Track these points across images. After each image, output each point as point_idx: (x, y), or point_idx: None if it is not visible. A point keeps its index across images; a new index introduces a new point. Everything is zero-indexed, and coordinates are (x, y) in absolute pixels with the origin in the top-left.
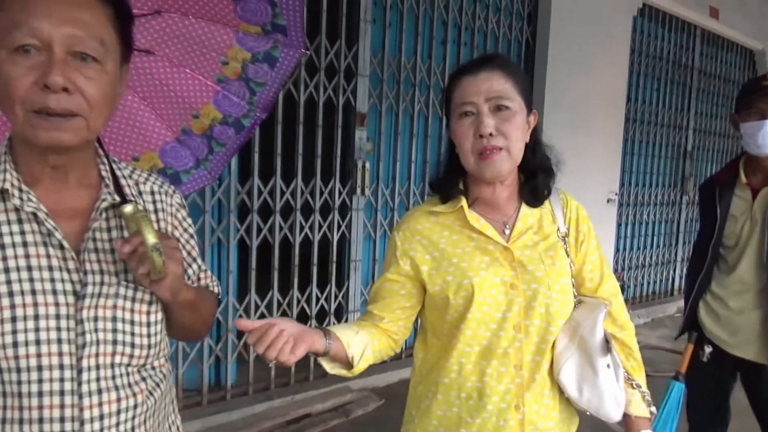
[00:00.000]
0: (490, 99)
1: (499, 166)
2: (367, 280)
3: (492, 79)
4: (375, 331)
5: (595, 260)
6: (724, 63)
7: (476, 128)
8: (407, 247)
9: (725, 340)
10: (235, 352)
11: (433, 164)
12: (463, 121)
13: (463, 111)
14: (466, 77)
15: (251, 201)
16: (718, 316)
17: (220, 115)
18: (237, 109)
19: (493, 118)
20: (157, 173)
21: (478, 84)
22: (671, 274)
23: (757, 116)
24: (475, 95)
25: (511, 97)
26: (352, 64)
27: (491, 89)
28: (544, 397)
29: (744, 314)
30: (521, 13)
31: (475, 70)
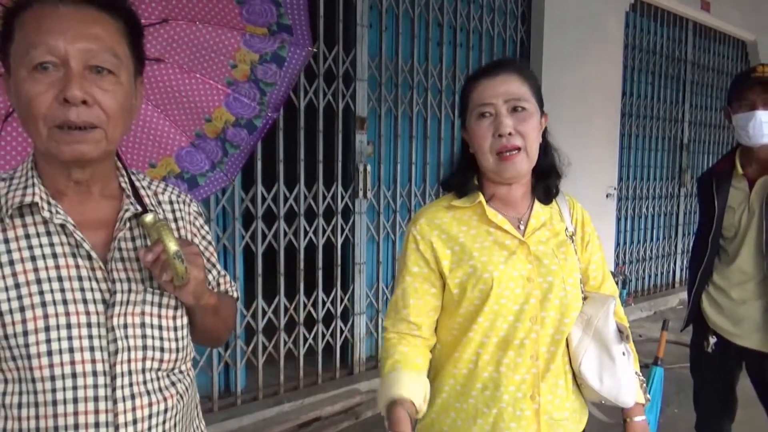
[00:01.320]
0: (508, 101)
1: (519, 167)
2: (371, 283)
3: (509, 81)
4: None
5: (599, 260)
6: (717, 55)
7: (495, 128)
8: (428, 241)
9: (729, 331)
10: (244, 358)
11: (434, 165)
12: (481, 121)
13: (482, 112)
14: (484, 80)
15: (255, 208)
16: (721, 306)
17: (233, 117)
18: (248, 111)
19: (511, 118)
20: (175, 178)
21: (497, 86)
22: (672, 267)
23: (748, 108)
24: (493, 97)
25: (528, 99)
26: (351, 68)
27: (509, 91)
28: (558, 387)
29: (746, 304)
30: (515, 13)
31: (493, 73)
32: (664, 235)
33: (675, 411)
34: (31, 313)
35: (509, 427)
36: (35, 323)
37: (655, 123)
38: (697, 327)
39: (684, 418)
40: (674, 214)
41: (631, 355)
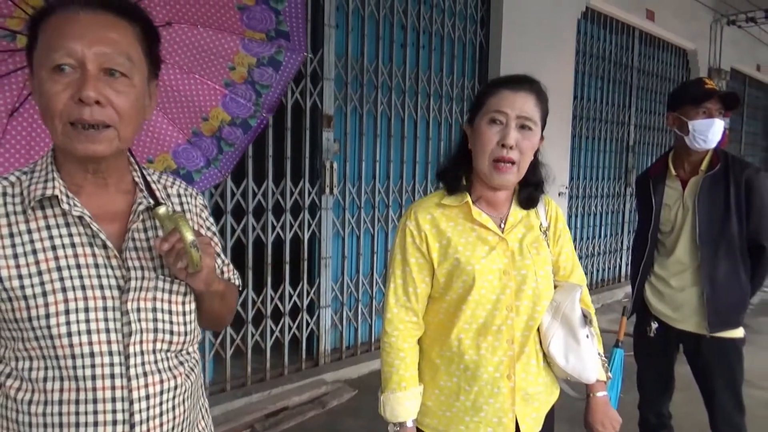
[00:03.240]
0: (520, 117)
1: (508, 179)
2: (337, 277)
3: (528, 100)
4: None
5: (569, 252)
6: (661, 62)
7: (502, 137)
8: (423, 234)
9: (669, 316)
10: (212, 350)
11: (397, 163)
12: (491, 126)
13: (494, 118)
14: (505, 90)
15: (224, 203)
16: (662, 294)
17: (229, 116)
18: (244, 111)
19: (517, 133)
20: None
21: (516, 100)
22: (618, 262)
23: (706, 115)
24: (509, 108)
25: (536, 122)
26: (318, 68)
27: (524, 109)
28: (531, 366)
29: (684, 291)
30: (474, 17)
31: (516, 87)
32: (611, 232)
33: (621, 395)
34: (52, 298)
35: (488, 403)
36: (56, 307)
37: (604, 125)
38: (641, 315)
39: (629, 402)
40: (621, 212)
41: (595, 338)
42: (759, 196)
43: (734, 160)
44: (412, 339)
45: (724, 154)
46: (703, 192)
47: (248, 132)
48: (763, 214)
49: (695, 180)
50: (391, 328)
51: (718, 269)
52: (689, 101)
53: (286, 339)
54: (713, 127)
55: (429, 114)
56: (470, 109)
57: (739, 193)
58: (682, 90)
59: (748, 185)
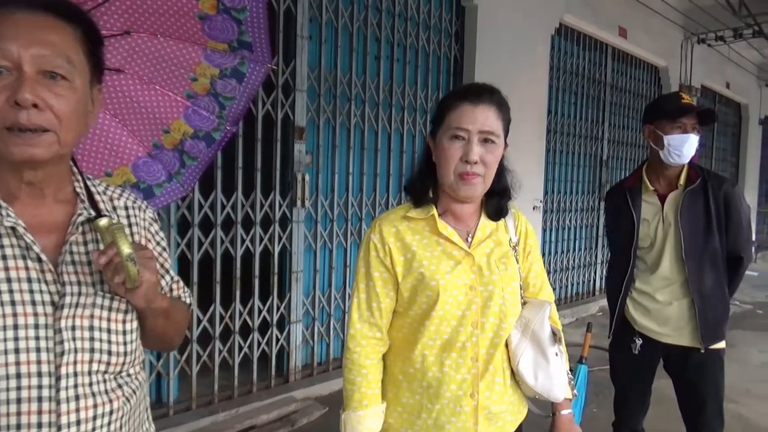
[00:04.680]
0: (482, 132)
1: (474, 189)
2: (308, 291)
3: (488, 114)
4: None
5: (538, 269)
6: (633, 78)
7: (465, 153)
8: (387, 248)
9: (656, 331)
10: (177, 367)
11: (370, 176)
12: (453, 142)
13: (456, 134)
14: (465, 104)
15: (192, 215)
16: (647, 310)
17: (191, 129)
18: (207, 124)
19: (480, 147)
20: (131, 188)
21: (476, 115)
22: (592, 276)
23: (681, 130)
24: (470, 124)
25: (499, 134)
26: (290, 79)
27: (485, 123)
28: (496, 384)
29: (672, 305)
30: (449, 31)
31: (475, 100)
32: (586, 245)
33: (594, 411)
34: None
35: (450, 422)
36: None
37: (578, 140)
38: (621, 332)
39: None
40: (594, 226)
41: (563, 355)
42: (736, 210)
43: (711, 175)
44: (375, 355)
45: (699, 168)
46: (685, 206)
47: (212, 145)
48: (740, 226)
49: (675, 195)
50: (354, 344)
51: (705, 282)
52: (665, 115)
53: (255, 355)
54: (688, 143)
55: (403, 127)
56: (432, 121)
57: (718, 206)
58: (659, 103)
59: (726, 199)
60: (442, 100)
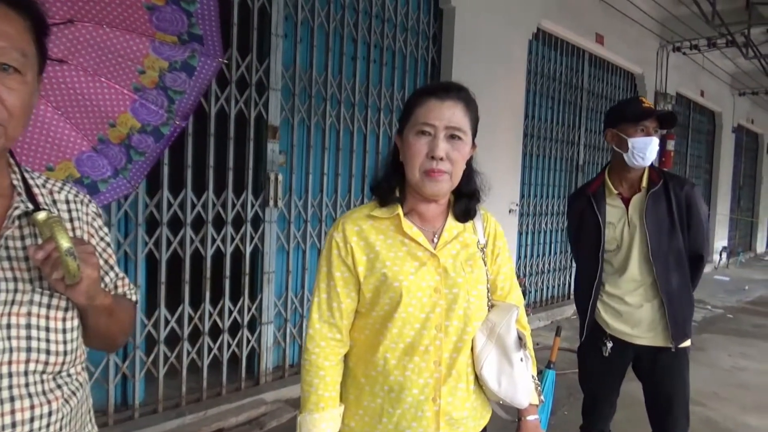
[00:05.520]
0: (449, 128)
1: (441, 186)
2: (280, 292)
3: (455, 110)
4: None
5: (507, 271)
6: (610, 85)
7: (431, 149)
8: (349, 247)
9: (628, 333)
10: (143, 369)
11: (345, 177)
12: (419, 138)
13: (422, 130)
14: (432, 100)
15: (160, 214)
16: (619, 312)
17: (138, 123)
18: (155, 118)
19: (446, 143)
20: (74, 183)
21: (443, 111)
22: (568, 279)
23: (644, 133)
24: (437, 120)
25: (466, 131)
26: (264, 77)
27: (452, 119)
28: (459, 390)
29: (642, 307)
30: (427, 34)
31: (443, 96)
32: (561, 249)
33: (565, 413)
34: None
35: (411, 427)
36: None
37: (554, 145)
38: (592, 336)
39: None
40: None
41: (529, 360)
42: (697, 210)
43: (671, 177)
44: (334, 357)
45: (659, 170)
46: (649, 208)
47: (160, 140)
48: (701, 225)
49: (639, 197)
50: (313, 345)
51: (672, 282)
52: (628, 119)
53: (224, 357)
54: (651, 145)
55: (379, 128)
56: (399, 119)
57: (680, 207)
58: (621, 108)
59: (688, 200)
60: (409, 98)
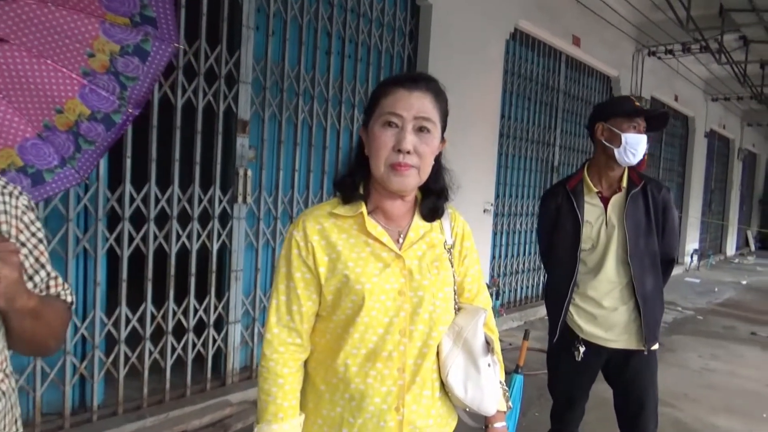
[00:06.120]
0: (417, 119)
1: (407, 181)
2: (249, 290)
3: (424, 100)
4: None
5: (475, 273)
6: (586, 87)
7: (397, 141)
8: (309, 246)
9: (602, 337)
10: (103, 369)
11: (317, 173)
12: (386, 129)
13: (389, 121)
14: (400, 90)
15: (122, 208)
16: (593, 316)
17: (88, 110)
18: (106, 105)
19: (414, 136)
20: (17, 172)
21: (411, 101)
22: (541, 280)
23: (636, 130)
24: (405, 110)
25: (435, 122)
26: (234, 70)
27: (421, 110)
28: (423, 397)
29: (618, 310)
30: (403, 30)
31: (411, 86)
32: (535, 250)
33: (536, 414)
34: None
35: None
36: None
37: (530, 145)
38: (563, 340)
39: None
40: None
41: (497, 366)
42: (672, 214)
43: (649, 180)
44: (294, 363)
45: (638, 172)
46: (629, 209)
47: (111, 129)
48: (675, 230)
49: (619, 198)
50: (270, 351)
51: (647, 285)
52: (622, 114)
53: (189, 357)
54: (642, 143)
55: (353, 124)
56: (364, 111)
57: (657, 210)
58: (614, 103)
59: (664, 204)
60: (375, 88)
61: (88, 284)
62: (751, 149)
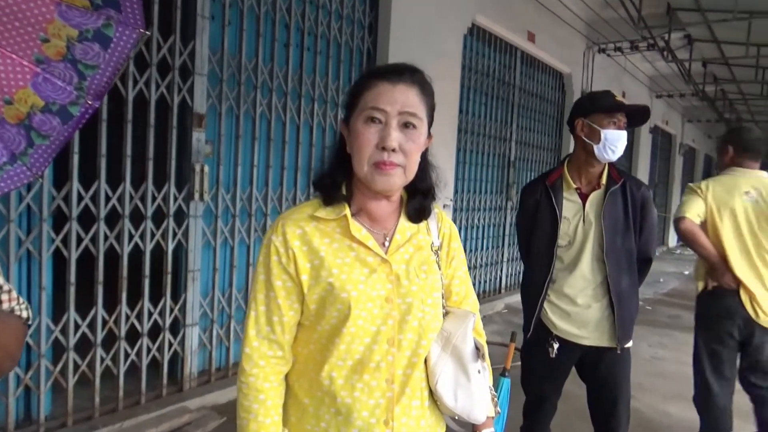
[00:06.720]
0: (402, 114)
1: (392, 181)
2: (206, 291)
3: (409, 93)
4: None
5: (462, 275)
6: (540, 83)
7: (381, 139)
8: (290, 253)
9: (575, 334)
10: (50, 379)
11: (277, 168)
12: (369, 126)
13: (372, 116)
14: (383, 83)
15: (69, 207)
16: (567, 313)
17: (41, 101)
18: (62, 95)
19: (399, 133)
20: None
21: (395, 94)
22: (499, 274)
23: (616, 126)
24: (389, 104)
25: (421, 118)
26: (188, 61)
27: (406, 104)
28: (413, 408)
29: (592, 307)
30: (362, 23)
31: (394, 79)
32: (493, 244)
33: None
34: None
35: None
36: None
37: (487, 140)
38: (537, 336)
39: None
40: (502, 225)
41: (487, 371)
42: (650, 213)
43: (630, 177)
44: (275, 377)
45: (619, 169)
46: (608, 207)
47: (68, 122)
48: (653, 229)
49: (597, 194)
50: (250, 366)
51: (622, 283)
52: (602, 110)
53: (144, 363)
54: (622, 139)
55: (313, 119)
56: (345, 105)
57: (635, 208)
58: (594, 98)
59: (643, 202)
60: (357, 80)
61: (32, 289)
62: (692, 144)
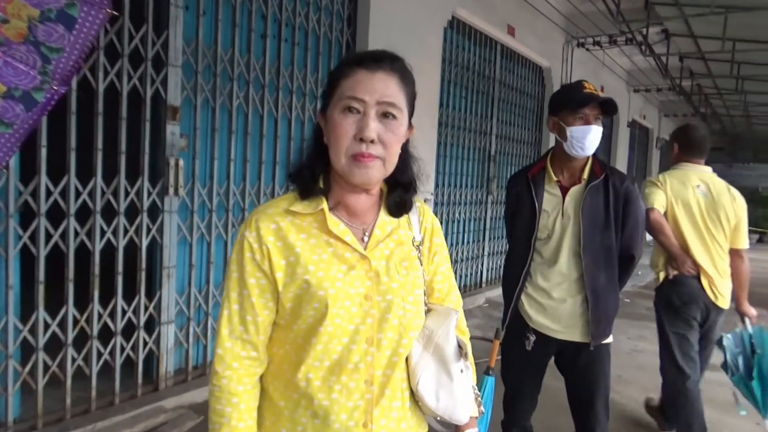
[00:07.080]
0: (381, 104)
1: (371, 174)
2: (182, 288)
3: (389, 82)
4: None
5: (445, 271)
6: (520, 77)
7: (359, 129)
8: (264, 249)
9: (550, 327)
10: (19, 380)
11: (254, 163)
12: (346, 116)
13: (349, 106)
14: (361, 70)
15: (37, 203)
16: (542, 306)
17: (3, 87)
18: (25, 80)
19: (378, 123)
20: None
21: (374, 83)
22: (480, 268)
23: (582, 122)
24: (367, 94)
25: (401, 108)
26: (162, 52)
27: (385, 93)
28: (393, 410)
29: (566, 302)
30: (341, 15)
31: (373, 66)
32: (474, 238)
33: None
34: None
35: None
36: None
37: (468, 134)
38: (514, 329)
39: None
40: (482, 220)
41: (470, 370)
42: (635, 208)
43: (613, 171)
44: (249, 379)
45: (603, 163)
46: (587, 202)
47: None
48: (637, 224)
49: (578, 189)
50: (223, 367)
51: (599, 280)
52: (567, 107)
53: (117, 362)
54: (590, 134)
55: (291, 112)
56: (322, 94)
57: (617, 203)
58: (562, 94)
59: (626, 197)
60: (334, 69)
61: None
62: (668, 138)
